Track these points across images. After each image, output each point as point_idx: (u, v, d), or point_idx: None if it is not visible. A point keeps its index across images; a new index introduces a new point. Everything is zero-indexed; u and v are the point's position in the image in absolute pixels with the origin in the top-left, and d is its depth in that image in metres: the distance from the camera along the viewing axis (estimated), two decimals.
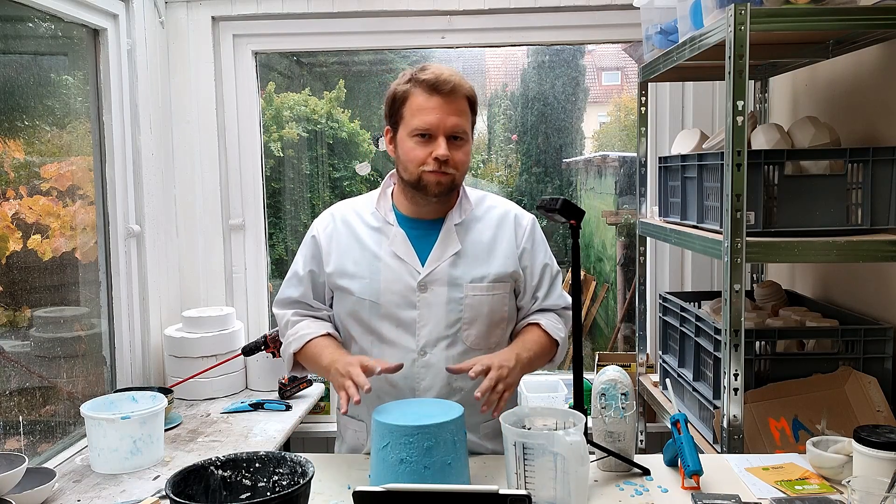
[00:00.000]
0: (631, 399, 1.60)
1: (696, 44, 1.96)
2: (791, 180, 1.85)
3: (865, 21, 1.77)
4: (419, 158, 1.66)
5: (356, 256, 1.75)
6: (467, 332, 1.73)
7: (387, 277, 1.72)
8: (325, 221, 1.82)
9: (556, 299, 1.84)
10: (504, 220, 1.80)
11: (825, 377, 1.94)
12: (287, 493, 1.25)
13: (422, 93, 1.66)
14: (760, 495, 1.48)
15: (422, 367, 1.71)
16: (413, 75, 1.69)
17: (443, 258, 1.72)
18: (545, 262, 1.82)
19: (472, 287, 1.72)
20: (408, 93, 1.68)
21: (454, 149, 1.67)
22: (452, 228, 1.75)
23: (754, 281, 2.71)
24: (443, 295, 1.71)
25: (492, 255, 1.76)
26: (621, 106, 3.95)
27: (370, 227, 1.77)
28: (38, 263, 2.31)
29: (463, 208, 1.78)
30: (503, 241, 1.78)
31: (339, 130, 3.68)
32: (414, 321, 1.72)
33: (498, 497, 1.13)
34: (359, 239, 1.77)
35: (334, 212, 1.84)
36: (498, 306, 1.75)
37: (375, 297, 1.72)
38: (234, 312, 2.85)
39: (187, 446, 2.20)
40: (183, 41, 2.91)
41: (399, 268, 1.72)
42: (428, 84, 1.65)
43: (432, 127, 1.65)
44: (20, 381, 2.22)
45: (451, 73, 1.67)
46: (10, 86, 2.24)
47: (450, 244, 1.74)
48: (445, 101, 1.65)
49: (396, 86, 1.71)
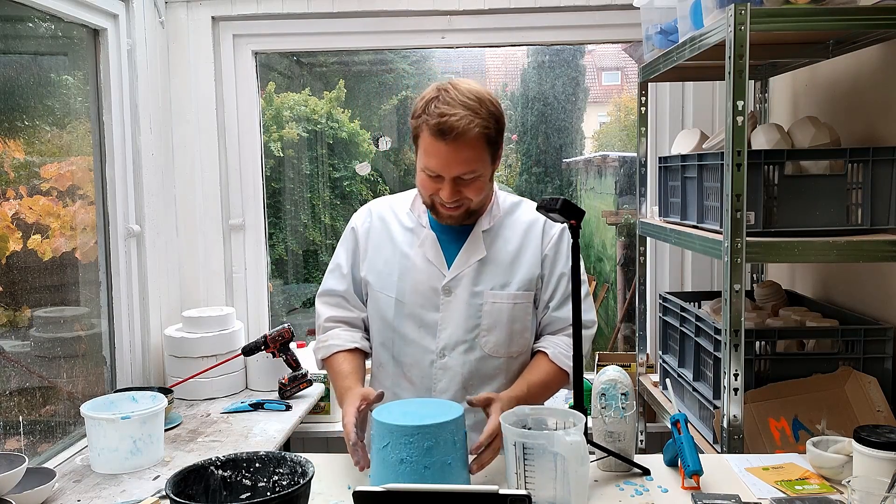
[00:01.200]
0: (631, 399, 1.60)
1: (696, 44, 1.96)
2: (791, 180, 1.85)
3: (865, 21, 1.77)
4: (429, 191, 1.67)
5: (387, 254, 1.77)
6: (486, 339, 1.73)
7: (414, 278, 1.74)
8: (363, 216, 1.84)
9: (569, 312, 1.68)
10: (532, 228, 1.78)
11: (825, 377, 1.94)
12: (287, 493, 1.25)
13: (429, 135, 1.59)
14: (760, 495, 1.48)
15: (440, 368, 1.73)
16: (427, 107, 1.59)
17: (468, 263, 1.73)
18: (563, 272, 1.76)
19: (493, 295, 1.72)
20: (419, 128, 1.62)
21: (464, 186, 1.63)
22: (480, 235, 1.74)
23: (754, 281, 2.71)
24: (464, 300, 1.72)
25: (516, 263, 1.75)
26: (621, 106, 3.95)
27: (404, 226, 1.79)
28: (38, 263, 2.30)
29: (492, 215, 1.77)
30: (529, 249, 1.76)
31: (339, 130, 3.68)
32: (436, 323, 1.73)
33: (498, 497, 1.12)
34: (392, 237, 1.79)
35: (372, 207, 1.85)
36: (520, 315, 1.74)
37: (401, 296, 1.74)
38: (234, 312, 2.84)
39: (187, 446, 2.20)
40: (183, 41, 2.90)
41: (426, 269, 1.73)
42: (433, 129, 1.57)
43: (437, 171, 1.61)
44: (20, 381, 2.22)
45: (460, 117, 1.55)
46: (10, 86, 2.24)
47: (475, 250, 1.73)
48: (451, 150, 1.57)
49: (415, 109, 1.64)
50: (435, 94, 1.60)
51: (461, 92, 1.59)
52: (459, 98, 1.57)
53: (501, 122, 1.65)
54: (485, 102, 1.60)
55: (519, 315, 1.74)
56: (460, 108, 1.56)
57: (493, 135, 1.62)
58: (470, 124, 1.56)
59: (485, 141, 1.60)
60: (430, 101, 1.59)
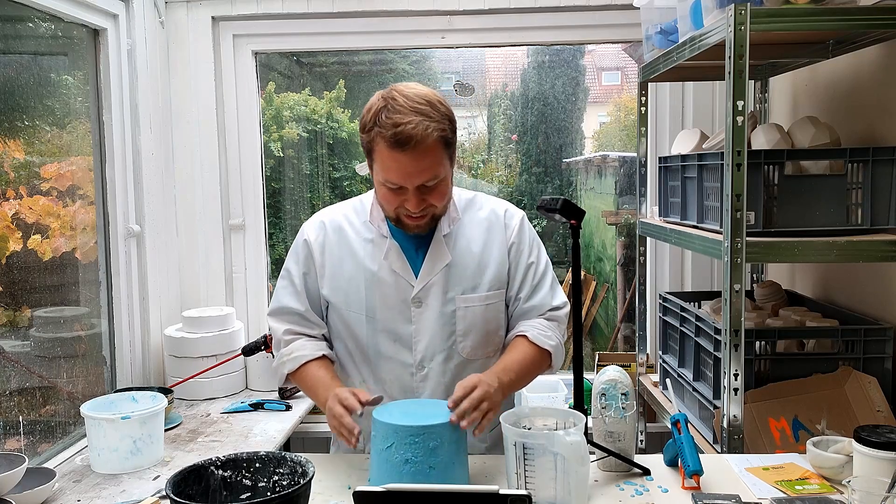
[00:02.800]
0: (631, 399, 1.60)
1: (696, 44, 1.96)
2: (791, 180, 1.85)
3: (865, 21, 1.77)
4: (393, 205, 1.60)
5: (350, 270, 1.71)
6: (463, 344, 1.71)
7: (383, 292, 1.69)
8: (317, 230, 1.75)
9: (542, 299, 1.75)
10: (493, 223, 1.75)
11: (825, 377, 1.94)
12: (287, 493, 1.25)
13: (386, 147, 1.52)
14: (760, 495, 1.48)
15: (420, 380, 1.71)
16: (376, 118, 1.53)
17: (434, 271, 1.68)
18: (530, 261, 1.74)
19: (464, 299, 1.69)
20: (373, 141, 1.55)
21: (428, 192, 1.58)
22: (441, 240, 1.69)
23: (754, 281, 2.71)
24: (436, 309, 1.68)
25: (484, 263, 1.71)
26: (621, 106, 3.95)
27: (363, 238, 1.72)
28: (38, 263, 2.30)
29: (451, 218, 1.71)
30: (494, 245, 1.73)
31: (339, 130, 3.68)
32: (410, 335, 1.69)
33: (498, 497, 1.13)
34: (353, 251, 1.72)
35: (325, 220, 1.76)
36: (493, 315, 1.73)
37: (371, 313, 1.69)
38: (234, 312, 2.84)
39: (187, 446, 2.20)
40: (183, 41, 2.90)
41: (394, 282, 1.68)
42: (390, 140, 1.50)
43: (400, 183, 1.55)
44: (20, 381, 2.22)
45: (415, 124, 1.49)
46: (10, 86, 2.24)
47: (440, 257, 1.69)
48: (411, 159, 1.51)
49: (364, 123, 1.57)
50: (382, 104, 1.53)
51: (409, 98, 1.53)
52: (409, 104, 1.51)
53: (454, 121, 1.60)
54: (435, 105, 1.54)
55: (492, 315, 1.72)
56: (413, 115, 1.50)
57: (449, 136, 1.57)
58: (426, 130, 1.50)
59: (443, 145, 1.55)
60: (380, 112, 1.53)
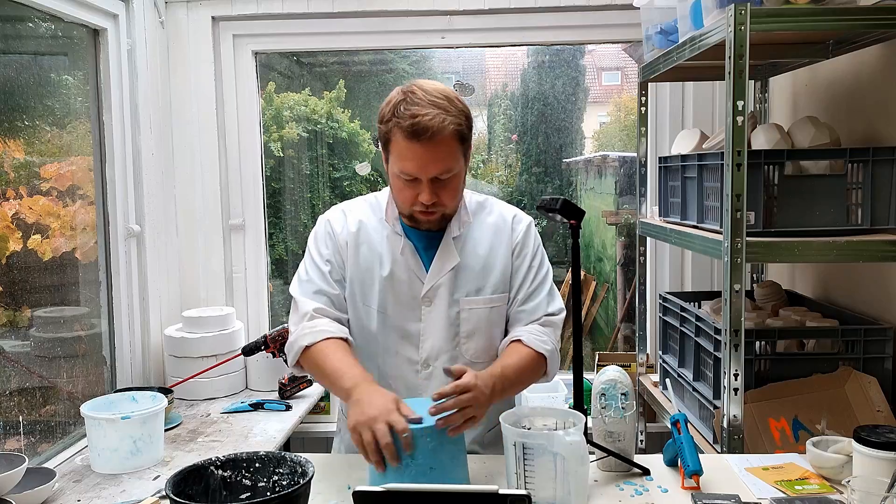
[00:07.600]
0: (631, 399, 1.60)
1: (696, 44, 1.96)
2: (791, 180, 1.85)
3: (865, 21, 1.77)
4: (407, 199, 1.63)
5: (369, 264, 1.72)
6: (466, 346, 1.72)
7: (396, 289, 1.71)
8: (340, 219, 1.76)
9: (538, 304, 1.74)
10: (501, 227, 1.76)
11: (825, 377, 1.94)
12: (287, 493, 1.25)
13: (403, 138, 1.55)
14: (760, 495, 1.48)
15: (425, 378, 1.72)
16: (395, 110, 1.56)
17: (442, 272, 1.70)
18: (531, 265, 1.75)
19: (469, 301, 1.70)
20: (390, 132, 1.58)
21: (441, 188, 1.60)
22: (450, 242, 1.71)
23: (754, 281, 2.71)
24: (443, 309, 1.70)
25: (489, 267, 1.73)
26: (621, 106, 3.95)
27: (381, 235, 1.74)
28: (38, 263, 2.30)
29: (461, 220, 1.73)
30: (500, 249, 1.74)
31: (339, 130, 3.68)
32: (418, 333, 1.71)
33: (498, 497, 1.12)
34: (371, 246, 1.74)
35: (346, 212, 1.78)
36: (497, 319, 1.74)
37: (384, 308, 1.71)
38: (234, 312, 2.85)
39: (187, 446, 2.20)
40: (183, 41, 2.90)
41: (408, 280, 1.70)
42: (407, 130, 1.54)
43: (415, 174, 1.58)
44: (20, 381, 2.22)
45: (433, 116, 1.53)
46: (10, 86, 2.24)
47: (448, 258, 1.71)
48: (426, 150, 1.54)
49: (382, 114, 1.61)
50: (402, 97, 1.57)
51: (428, 92, 1.57)
52: (428, 98, 1.56)
53: (470, 118, 1.63)
54: (453, 100, 1.58)
55: (496, 319, 1.73)
56: (431, 108, 1.54)
57: (465, 132, 1.60)
58: (443, 122, 1.54)
59: (458, 139, 1.58)
60: (399, 104, 1.56)
